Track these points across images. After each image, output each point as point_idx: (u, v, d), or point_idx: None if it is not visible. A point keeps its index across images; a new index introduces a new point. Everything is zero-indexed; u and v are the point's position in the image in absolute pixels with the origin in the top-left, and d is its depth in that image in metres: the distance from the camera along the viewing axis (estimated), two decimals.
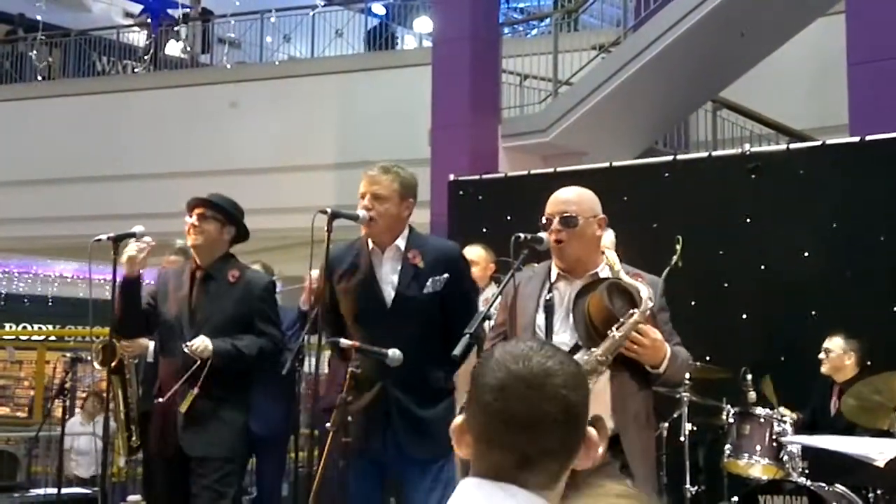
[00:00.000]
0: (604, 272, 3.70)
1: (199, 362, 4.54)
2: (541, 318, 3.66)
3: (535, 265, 3.88)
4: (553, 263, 3.78)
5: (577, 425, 1.62)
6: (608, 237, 5.17)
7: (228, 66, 16.02)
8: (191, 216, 4.75)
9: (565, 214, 3.67)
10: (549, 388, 1.59)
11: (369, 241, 4.29)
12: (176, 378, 4.63)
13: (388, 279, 4.26)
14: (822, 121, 10.53)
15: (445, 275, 4.21)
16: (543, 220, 3.71)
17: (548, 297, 3.70)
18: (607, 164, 8.04)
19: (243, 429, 4.83)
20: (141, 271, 4.70)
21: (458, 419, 1.68)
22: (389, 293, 4.24)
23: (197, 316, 4.73)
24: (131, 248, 4.61)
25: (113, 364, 5.27)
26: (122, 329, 4.94)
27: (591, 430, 1.65)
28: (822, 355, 6.37)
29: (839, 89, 8.42)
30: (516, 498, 1.58)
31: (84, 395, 11.15)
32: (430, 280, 4.19)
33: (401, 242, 4.26)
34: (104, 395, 10.45)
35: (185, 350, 4.52)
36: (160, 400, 4.62)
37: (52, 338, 17.17)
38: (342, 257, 4.34)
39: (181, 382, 4.58)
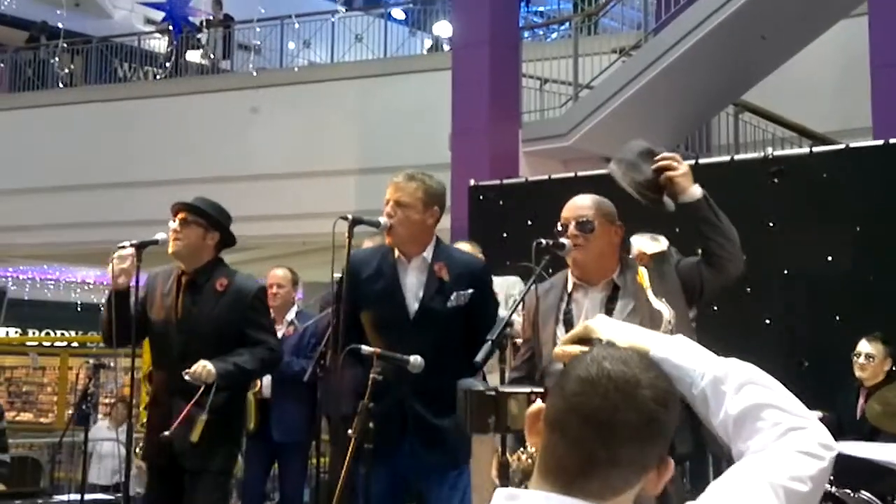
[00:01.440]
0: (620, 279, 3.68)
1: (202, 387, 4.32)
2: (561, 332, 3.64)
3: (550, 279, 3.86)
4: (569, 273, 3.76)
5: (655, 443, 1.57)
6: (660, 246, 5.15)
7: (255, 73, 16.05)
8: (174, 221, 4.61)
9: (581, 220, 3.65)
10: (638, 397, 1.55)
11: (395, 249, 4.29)
12: (169, 393, 4.48)
13: (413, 290, 4.24)
14: (846, 124, 10.45)
15: (470, 290, 4.20)
16: (559, 227, 3.69)
17: (566, 310, 3.68)
18: None
19: (237, 440, 4.81)
20: (129, 283, 4.52)
21: (537, 404, 1.66)
22: (413, 304, 4.22)
23: (183, 325, 4.57)
24: (116, 263, 4.47)
25: None
26: (108, 340, 4.65)
27: (670, 459, 1.60)
28: (861, 360, 6.22)
29: (862, 92, 8.36)
30: None
31: (107, 401, 11.19)
32: (455, 294, 4.19)
33: (427, 254, 4.25)
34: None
35: (186, 378, 4.31)
36: (166, 434, 4.31)
37: (75, 344, 17.26)
38: (367, 261, 4.32)
39: (188, 409, 4.31)
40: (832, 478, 5.57)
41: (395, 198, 4.19)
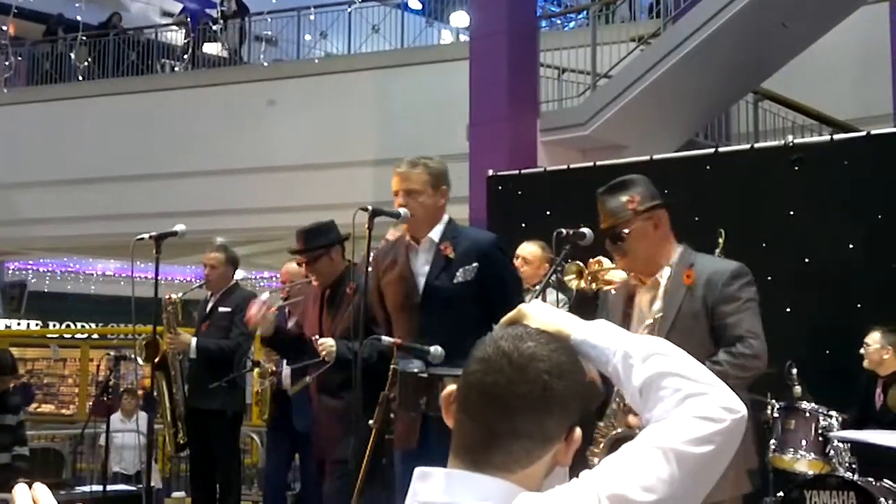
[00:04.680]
0: (664, 274, 3.64)
1: (320, 358, 4.79)
2: None
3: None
4: None
5: (552, 414, 1.61)
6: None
7: (265, 65, 16.05)
8: (301, 264, 5.18)
9: (613, 231, 3.60)
10: (531, 370, 1.61)
11: (407, 235, 4.32)
12: (318, 390, 5.07)
13: (422, 271, 4.29)
14: (866, 111, 10.39)
15: (475, 264, 4.19)
16: (608, 239, 3.64)
17: (628, 311, 3.68)
18: (647, 158, 7.97)
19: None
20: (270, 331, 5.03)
21: (450, 387, 1.71)
22: (422, 284, 4.27)
23: (324, 332, 5.02)
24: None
25: (157, 360, 5.47)
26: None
27: (577, 430, 1.65)
28: (862, 350, 6.31)
29: (883, 79, 8.32)
30: (451, 480, 1.60)
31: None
32: (461, 270, 4.19)
33: (435, 234, 4.28)
34: (139, 391, 10.54)
35: (313, 341, 4.81)
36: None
37: (96, 336, 17.34)
38: (388, 253, 4.42)
39: (301, 364, 5.05)
40: (854, 466, 5.55)
41: (403, 187, 4.23)
